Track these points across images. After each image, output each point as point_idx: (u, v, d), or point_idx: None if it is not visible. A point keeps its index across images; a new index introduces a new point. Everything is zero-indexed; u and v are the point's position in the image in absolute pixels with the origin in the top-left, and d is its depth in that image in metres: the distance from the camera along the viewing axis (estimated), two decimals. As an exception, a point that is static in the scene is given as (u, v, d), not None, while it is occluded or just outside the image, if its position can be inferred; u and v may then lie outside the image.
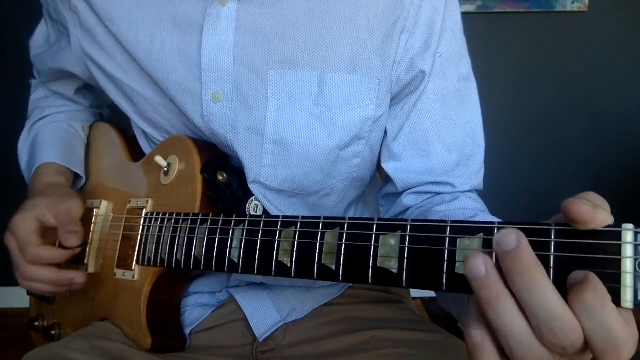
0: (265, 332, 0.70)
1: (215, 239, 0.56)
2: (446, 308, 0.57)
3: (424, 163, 0.65)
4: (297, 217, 0.50)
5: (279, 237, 0.51)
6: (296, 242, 0.49)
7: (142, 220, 0.67)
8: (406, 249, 0.42)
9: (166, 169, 0.67)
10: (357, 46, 0.61)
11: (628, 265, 0.33)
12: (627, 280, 0.32)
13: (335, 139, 0.62)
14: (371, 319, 0.71)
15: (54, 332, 0.78)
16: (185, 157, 0.66)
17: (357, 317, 0.72)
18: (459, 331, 0.68)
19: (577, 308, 0.32)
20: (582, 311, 0.31)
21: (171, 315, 0.69)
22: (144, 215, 0.67)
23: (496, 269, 0.34)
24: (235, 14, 0.61)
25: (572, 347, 0.32)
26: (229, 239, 0.55)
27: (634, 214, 1.96)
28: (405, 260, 0.42)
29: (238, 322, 0.72)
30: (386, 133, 0.66)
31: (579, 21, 2.10)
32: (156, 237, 0.64)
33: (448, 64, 0.64)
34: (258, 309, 0.71)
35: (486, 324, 0.34)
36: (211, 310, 0.73)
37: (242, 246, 0.54)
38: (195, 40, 0.63)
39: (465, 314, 0.37)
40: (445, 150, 0.64)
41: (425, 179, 0.65)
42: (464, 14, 0.65)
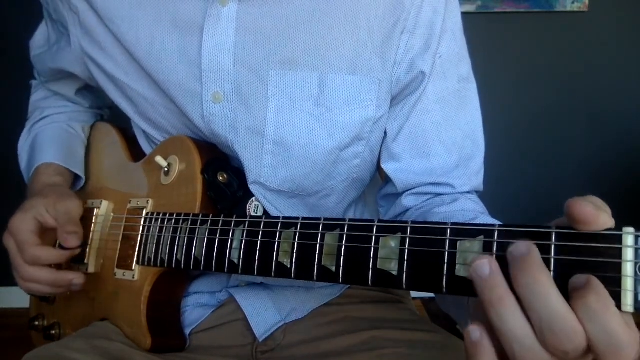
0: (265, 332, 0.70)
1: (216, 239, 0.56)
2: (445, 309, 0.57)
3: (423, 164, 0.65)
4: (297, 218, 0.50)
5: (279, 238, 0.51)
6: (296, 243, 0.49)
7: (143, 220, 0.67)
8: (406, 251, 0.42)
9: (166, 169, 0.67)
10: (357, 47, 0.61)
11: (628, 268, 0.33)
12: (628, 283, 0.33)
13: (335, 139, 0.62)
14: (371, 319, 0.71)
15: (54, 332, 0.78)
16: (185, 157, 0.66)
17: (357, 317, 0.72)
18: (458, 331, 0.68)
19: (580, 312, 0.32)
20: (585, 315, 0.31)
21: (171, 315, 0.69)
22: (144, 215, 0.67)
23: (501, 272, 0.34)
24: (236, 15, 0.61)
25: (574, 352, 0.32)
26: (229, 240, 0.55)
27: (634, 215, 1.95)
28: (405, 262, 0.42)
29: (238, 322, 0.72)
30: (386, 134, 0.66)
31: (579, 21, 2.10)
32: (156, 237, 0.64)
33: (448, 64, 0.64)
34: (258, 309, 0.71)
35: (487, 324, 0.34)
36: (211, 310, 0.73)
37: (242, 247, 0.54)
38: (195, 41, 0.63)
39: (465, 314, 0.38)
40: (445, 151, 0.64)
41: (425, 179, 0.65)
42: (464, 14, 0.65)
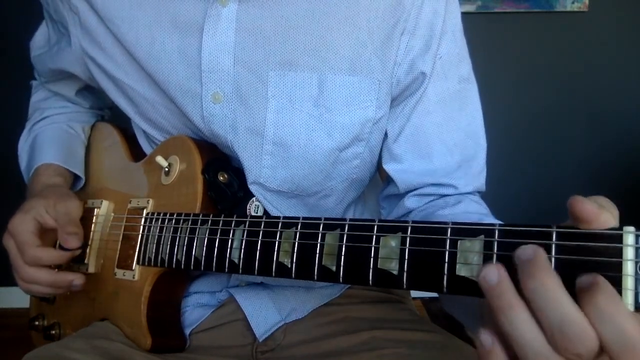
0: (265, 332, 0.70)
1: (216, 239, 0.56)
2: (448, 310, 0.57)
3: (425, 164, 0.65)
4: (298, 218, 0.50)
5: (280, 238, 0.51)
6: (296, 243, 0.49)
7: (143, 220, 0.67)
8: (407, 250, 0.42)
9: (167, 169, 0.67)
10: (357, 47, 0.61)
11: (629, 267, 0.33)
12: (628, 283, 0.33)
13: (335, 140, 0.62)
14: (371, 319, 0.71)
15: (54, 332, 0.78)
16: (186, 157, 0.66)
17: (357, 317, 0.72)
18: (458, 331, 0.68)
19: (590, 313, 0.31)
20: (596, 316, 0.31)
21: (171, 315, 0.69)
22: (144, 215, 0.67)
23: (509, 277, 0.34)
24: (236, 15, 0.61)
25: (588, 354, 0.31)
26: (230, 240, 0.55)
27: (634, 215, 1.95)
28: (406, 261, 0.42)
29: (238, 322, 0.72)
30: (387, 135, 0.66)
31: (579, 21, 2.10)
32: (157, 237, 0.64)
33: (448, 65, 0.64)
34: (258, 308, 0.71)
35: (497, 329, 0.34)
36: (211, 310, 0.73)
37: (243, 247, 0.54)
38: (195, 41, 0.63)
39: (471, 318, 0.37)
40: (446, 152, 0.64)
41: (427, 180, 0.65)
42: (464, 14, 0.65)
